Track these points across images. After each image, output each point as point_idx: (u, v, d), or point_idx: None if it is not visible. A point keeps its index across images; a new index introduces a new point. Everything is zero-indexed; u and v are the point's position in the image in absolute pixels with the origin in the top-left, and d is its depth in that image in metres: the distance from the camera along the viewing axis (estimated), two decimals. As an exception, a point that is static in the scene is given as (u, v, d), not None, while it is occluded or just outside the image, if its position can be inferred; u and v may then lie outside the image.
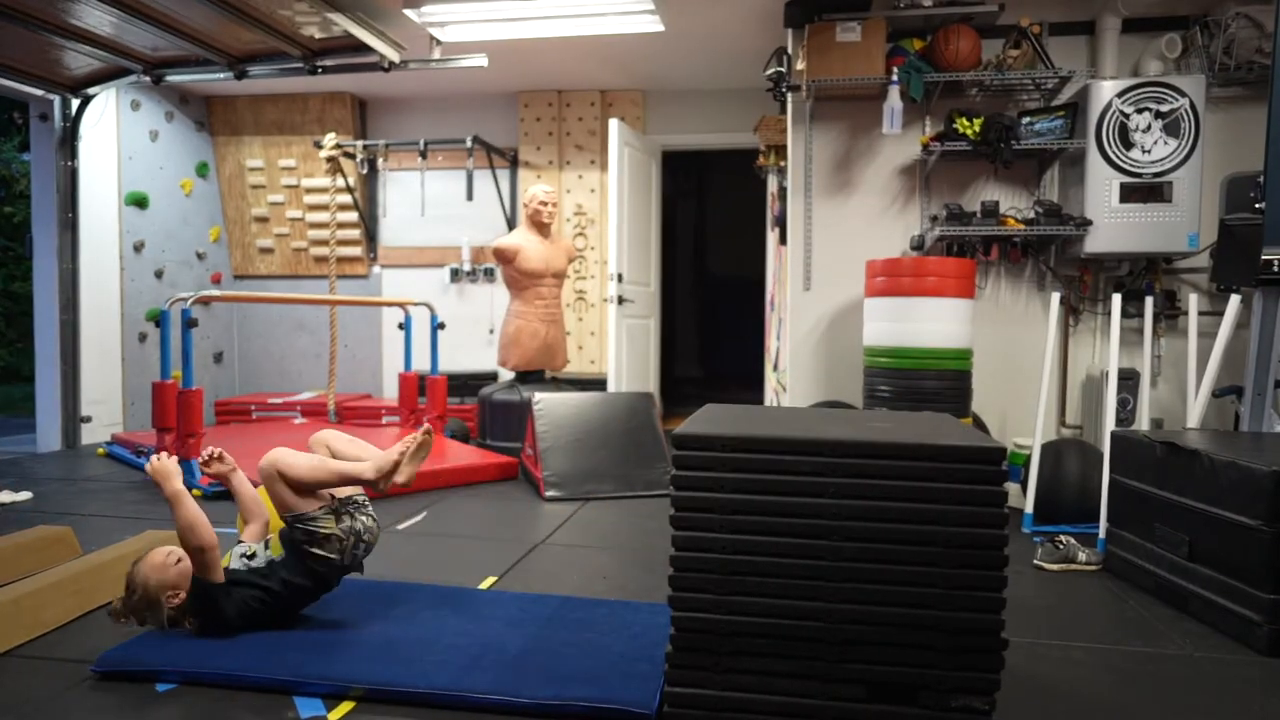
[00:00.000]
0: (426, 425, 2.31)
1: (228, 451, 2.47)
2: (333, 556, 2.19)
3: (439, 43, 4.84)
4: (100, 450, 5.19)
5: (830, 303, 4.56)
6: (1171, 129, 3.90)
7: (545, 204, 5.15)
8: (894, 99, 4.05)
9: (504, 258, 5.16)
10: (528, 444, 4.39)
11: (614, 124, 5.54)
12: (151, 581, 2.11)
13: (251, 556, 2.24)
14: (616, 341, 5.59)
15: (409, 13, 4.43)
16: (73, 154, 5.46)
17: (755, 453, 1.70)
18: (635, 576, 2.83)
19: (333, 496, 2.22)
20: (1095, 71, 4.20)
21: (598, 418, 4.28)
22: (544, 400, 4.32)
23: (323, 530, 2.18)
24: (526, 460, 4.42)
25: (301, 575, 2.20)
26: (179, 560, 2.14)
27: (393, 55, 4.89)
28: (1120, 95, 3.93)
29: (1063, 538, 3.02)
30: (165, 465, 2.25)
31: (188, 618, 2.15)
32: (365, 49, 4.76)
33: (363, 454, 2.32)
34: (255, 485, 2.40)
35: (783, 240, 4.79)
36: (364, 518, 2.26)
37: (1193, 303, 3.31)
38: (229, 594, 2.13)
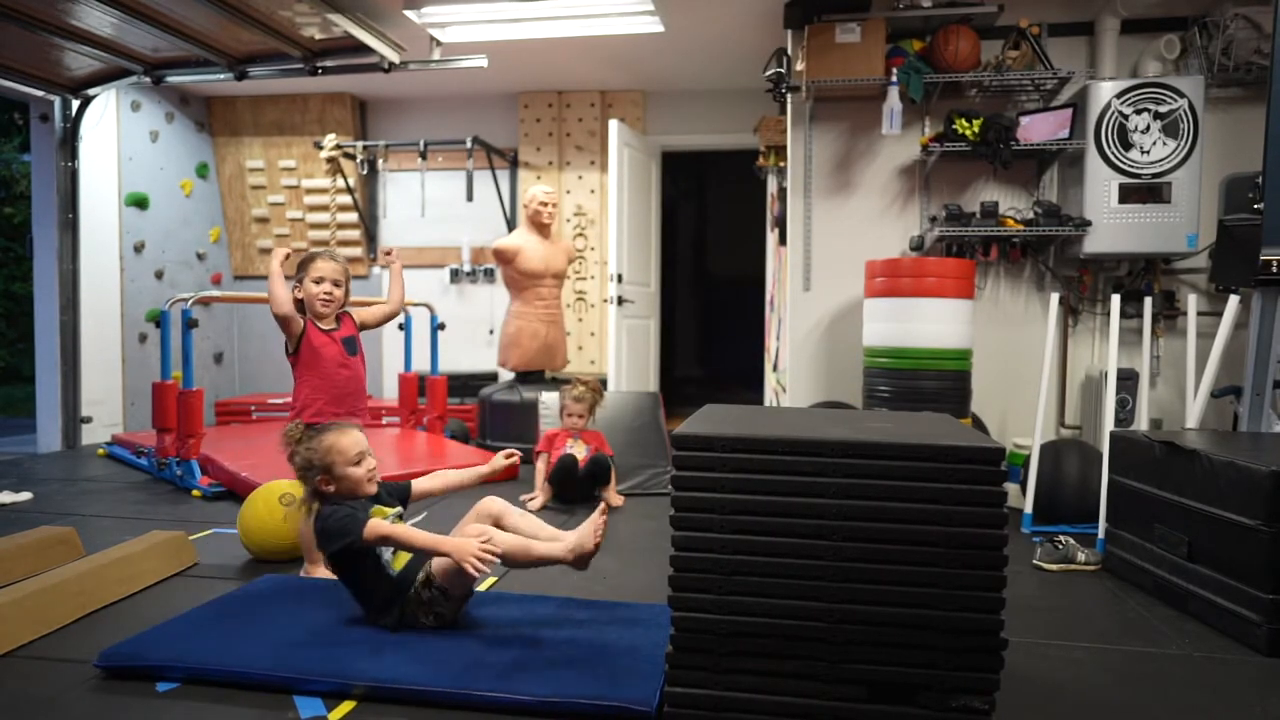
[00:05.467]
0: (602, 509, 2.19)
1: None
2: (425, 622, 2.20)
3: (439, 43, 4.85)
4: (100, 451, 5.19)
5: (830, 303, 4.57)
6: (1170, 130, 3.90)
7: (545, 204, 5.15)
8: (893, 100, 4.05)
9: (504, 258, 5.16)
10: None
11: (614, 124, 5.54)
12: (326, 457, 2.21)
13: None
14: (616, 342, 5.60)
15: (409, 13, 4.44)
16: (73, 155, 5.46)
17: (755, 453, 1.70)
18: (635, 576, 2.84)
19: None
20: (1094, 72, 4.21)
21: (603, 417, 4.28)
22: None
23: (439, 611, 2.20)
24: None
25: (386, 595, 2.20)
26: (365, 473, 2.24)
27: (393, 56, 4.89)
28: (1119, 96, 3.94)
29: (1062, 538, 3.02)
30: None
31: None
32: (365, 50, 4.76)
33: (539, 531, 2.27)
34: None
35: (783, 240, 4.79)
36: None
37: (1192, 303, 3.32)
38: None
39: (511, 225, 6.19)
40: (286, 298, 2.66)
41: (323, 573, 2.71)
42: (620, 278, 5.61)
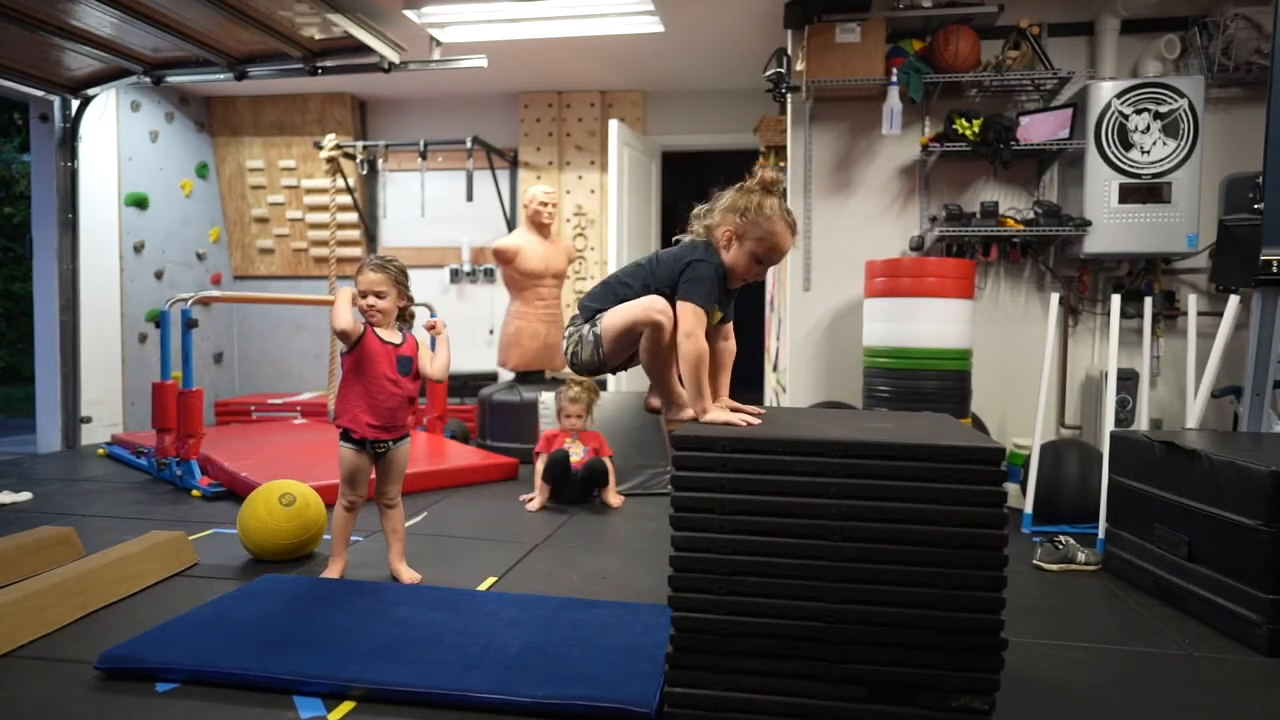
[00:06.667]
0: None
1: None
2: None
3: (439, 43, 4.85)
4: (100, 451, 5.19)
5: (830, 303, 4.57)
6: (1170, 130, 3.90)
7: (545, 204, 5.15)
8: (893, 100, 4.05)
9: (504, 258, 5.16)
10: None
11: (614, 124, 5.54)
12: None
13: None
14: (616, 342, 5.58)
15: (409, 13, 4.44)
16: (73, 155, 5.46)
17: (755, 453, 1.70)
18: (635, 576, 2.84)
19: None
20: (1094, 72, 4.21)
21: (603, 418, 4.28)
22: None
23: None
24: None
25: None
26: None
27: (393, 56, 4.89)
28: (1119, 96, 3.94)
29: (1062, 538, 3.02)
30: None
31: None
32: (365, 50, 4.76)
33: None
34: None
35: (782, 241, 4.78)
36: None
37: (1192, 303, 3.32)
38: None
39: (511, 225, 6.19)
40: (346, 316, 2.61)
41: (338, 574, 2.72)
42: (620, 278, 5.60)
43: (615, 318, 2.01)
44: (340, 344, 2.68)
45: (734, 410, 1.96)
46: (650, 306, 1.95)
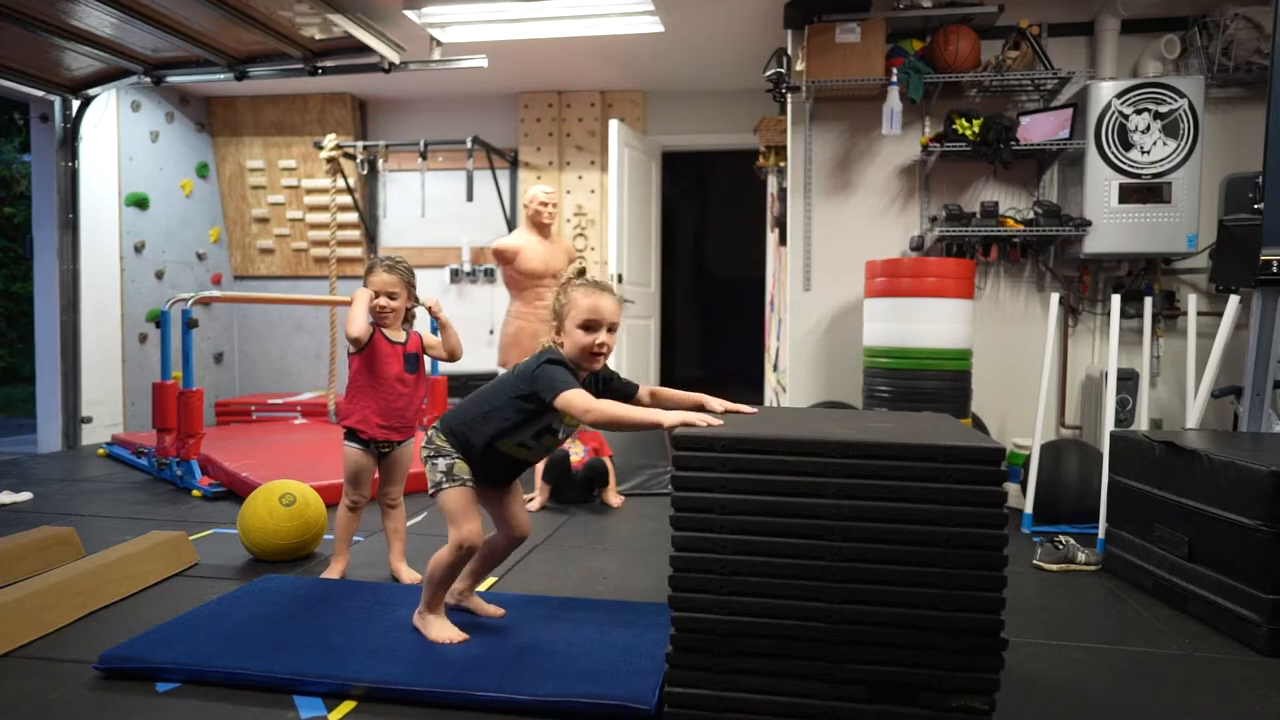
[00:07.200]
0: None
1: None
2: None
3: (439, 43, 4.85)
4: (101, 451, 5.19)
5: (830, 303, 4.57)
6: (1170, 130, 3.90)
7: (545, 204, 5.13)
8: (893, 100, 4.05)
9: (504, 258, 5.15)
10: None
11: (614, 125, 5.54)
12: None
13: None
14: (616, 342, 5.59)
15: (409, 13, 4.44)
16: (73, 155, 5.46)
17: (755, 453, 1.70)
18: (635, 576, 2.84)
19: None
20: (1094, 72, 4.21)
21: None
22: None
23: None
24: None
25: None
26: None
27: (393, 56, 4.89)
28: (1119, 96, 3.94)
29: (1062, 538, 3.02)
30: None
31: None
32: (365, 50, 4.77)
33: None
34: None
35: (783, 240, 4.79)
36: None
37: (1192, 303, 3.32)
38: None
39: (511, 225, 6.19)
40: (361, 324, 2.65)
41: (339, 573, 2.72)
42: (620, 278, 5.61)
43: (449, 508, 2.11)
44: (350, 346, 2.70)
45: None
46: (458, 532, 2.09)
